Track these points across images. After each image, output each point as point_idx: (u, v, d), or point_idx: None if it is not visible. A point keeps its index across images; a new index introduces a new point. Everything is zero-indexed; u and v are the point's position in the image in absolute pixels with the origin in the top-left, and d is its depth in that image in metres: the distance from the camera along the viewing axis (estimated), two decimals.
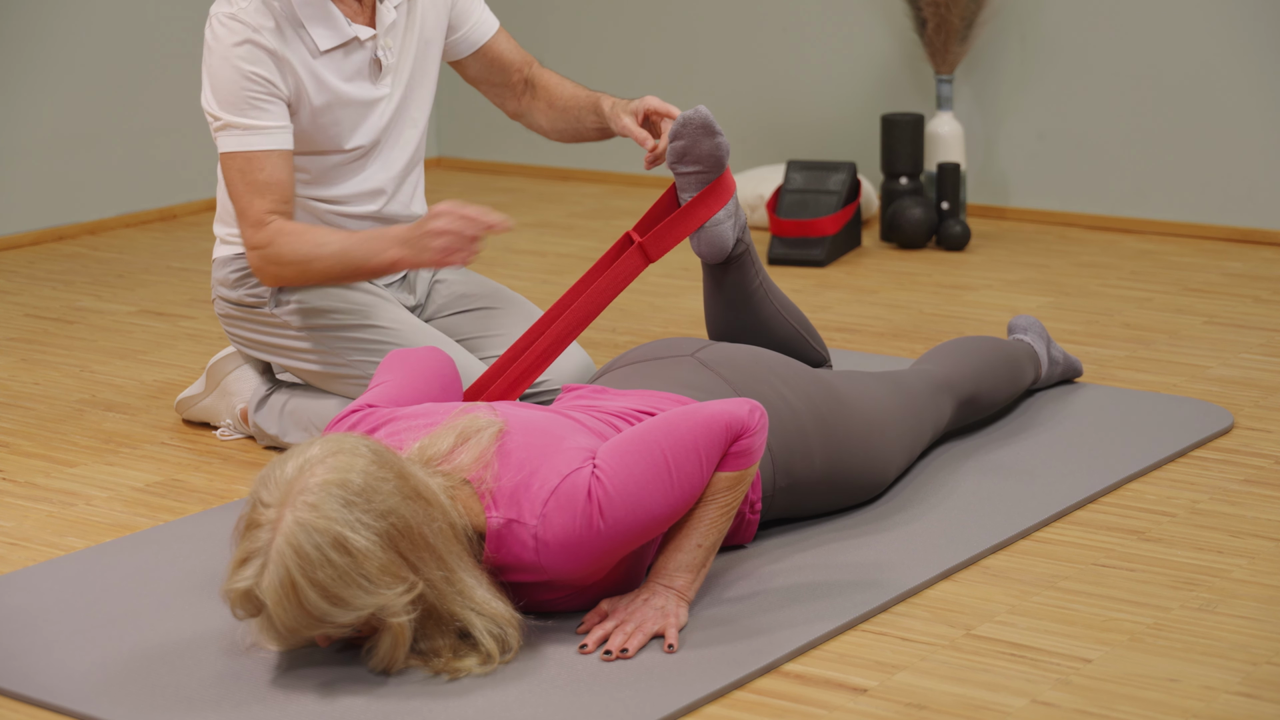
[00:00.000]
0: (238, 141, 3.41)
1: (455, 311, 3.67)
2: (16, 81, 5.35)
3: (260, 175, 3.40)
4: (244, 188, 3.41)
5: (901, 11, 5.45)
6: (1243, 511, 3.19)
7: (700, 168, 3.28)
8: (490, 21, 3.71)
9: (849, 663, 2.66)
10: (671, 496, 2.64)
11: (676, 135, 3.27)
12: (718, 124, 3.27)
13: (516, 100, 3.76)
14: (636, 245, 3.28)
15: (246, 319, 3.58)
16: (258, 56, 3.40)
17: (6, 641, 2.75)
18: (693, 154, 3.26)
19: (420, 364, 3.03)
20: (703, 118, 3.25)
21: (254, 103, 3.40)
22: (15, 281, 4.98)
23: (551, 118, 3.71)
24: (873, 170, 5.52)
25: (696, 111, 3.25)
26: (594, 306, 3.25)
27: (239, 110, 3.40)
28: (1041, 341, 3.75)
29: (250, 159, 3.40)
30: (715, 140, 3.26)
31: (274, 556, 2.46)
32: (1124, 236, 5.20)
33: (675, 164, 3.29)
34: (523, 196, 5.91)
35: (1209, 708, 2.51)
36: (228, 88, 3.40)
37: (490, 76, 3.74)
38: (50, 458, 3.61)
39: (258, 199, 3.40)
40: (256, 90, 3.40)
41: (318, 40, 3.44)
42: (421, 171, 3.68)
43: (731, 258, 3.37)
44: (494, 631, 2.59)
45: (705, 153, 3.26)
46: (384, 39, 3.51)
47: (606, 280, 3.26)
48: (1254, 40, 5.05)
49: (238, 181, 3.41)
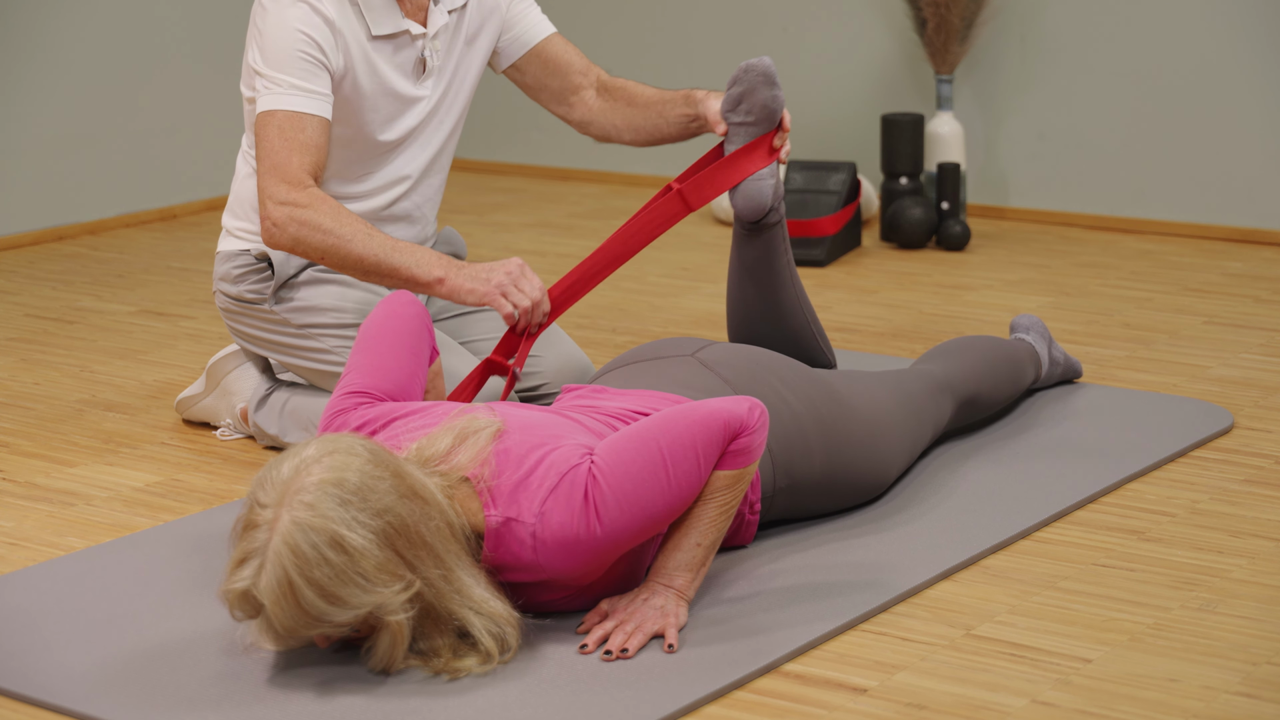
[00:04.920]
0: (282, 100, 3.33)
1: (457, 314, 3.67)
2: (16, 81, 5.35)
3: (301, 135, 3.32)
4: (281, 144, 3.31)
5: (901, 11, 5.45)
6: (1243, 511, 3.19)
7: (753, 118, 3.28)
8: (543, 23, 3.66)
9: (849, 663, 2.66)
10: (668, 495, 2.64)
11: (735, 81, 3.28)
12: (778, 78, 3.27)
13: (585, 106, 3.67)
14: (676, 191, 3.28)
15: (246, 314, 3.58)
16: (314, 21, 3.36)
17: (6, 641, 2.75)
18: (748, 102, 3.27)
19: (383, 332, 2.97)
20: (765, 66, 3.27)
21: (304, 63, 3.34)
22: (15, 281, 4.98)
23: (631, 115, 3.62)
24: (873, 170, 5.52)
25: (760, 60, 3.27)
26: (628, 247, 3.24)
27: (287, 68, 3.34)
28: (1043, 341, 3.75)
29: (293, 118, 3.33)
30: (773, 92, 3.27)
31: (271, 556, 2.46)
32: (1124, 236, 5.20)
33: (729, 112, 3.30)
34: (523, 196, 5.91)
35: (1209, 708, 2.51)
36: (279, 45, 3.34)
37: (549, 81, 3.67)
38: (50, 458, 3.61)
39: (296, 156, 3.31)
40: (308, 52, 3.35)
41: (372, 24, 3.42)
42: (443, 180, 3.65)
43: (765, 224, 3.36)
44: (493, 631, 2.59)
45: (761, 102, 3.27)
46: (433, 40, 3.50)
47: (644, 220, 3.24)
48: (1254, 40, 5.05)
49: (275, 138, 3.32)
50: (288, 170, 3.30)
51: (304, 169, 3.31)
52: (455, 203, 5.75)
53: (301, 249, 3.31)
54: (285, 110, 3.33)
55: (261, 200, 3.32)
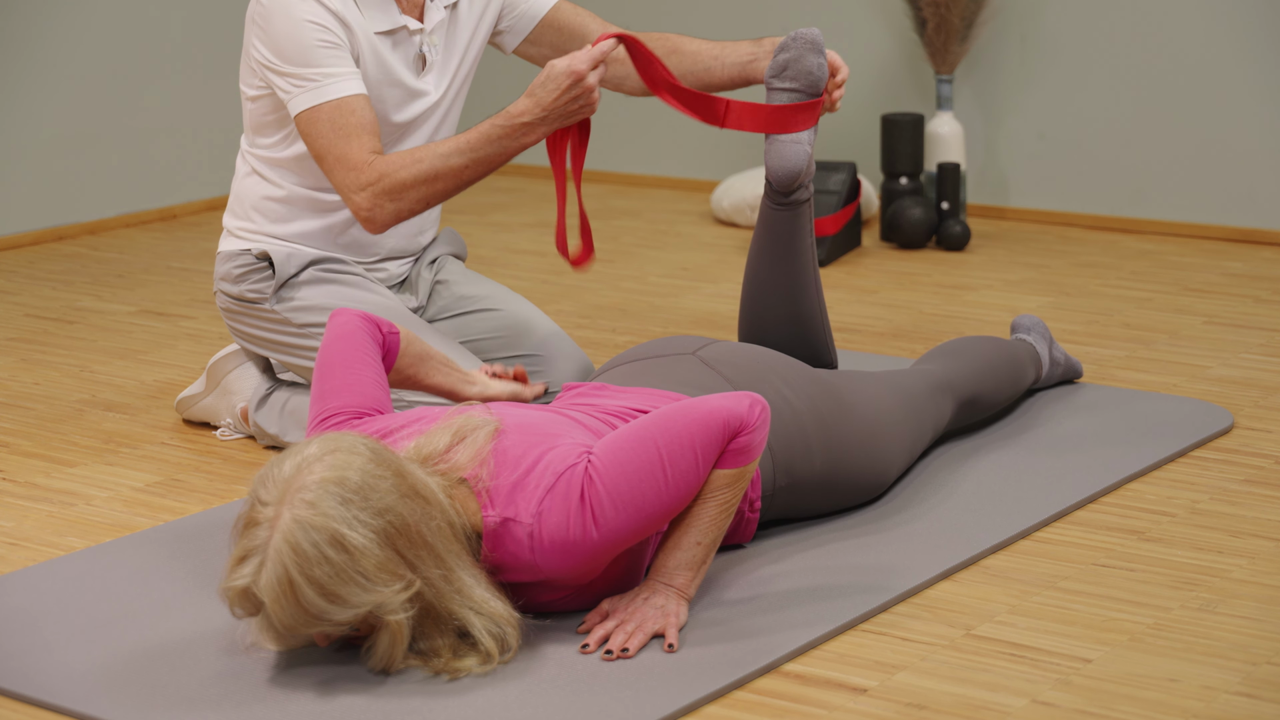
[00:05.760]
0: (320, 93, 3.34)
1: (457, 313, 3.67)
2: (16, 81, 5.35)
3: (352, 119, 3.32)
4: (336, 137, 3.32)
5: (901, 11, 5.45)
6: (1243, 511, 3.19)
7: (797, 85, 3.31)
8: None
9: (849, 663, 2.66)
10: (666, 495, 2.64)
11: (783, 48, 3.32)
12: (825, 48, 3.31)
13: (616, 62, 3.67)
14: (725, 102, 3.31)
15: (247, 314, 3.58)
16: (320, 13, 3.36)
17: (6, 641, 2.75)
18: (794, 69, 3.31)
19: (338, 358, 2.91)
20: (814, 35, 3.32)
21: (325, 50, 3.34)
22: (15, 281, 4.98)
23: (677, 61, 3.63)
24: (873, 170, 5.52)
25: (809, 29, 3.33)
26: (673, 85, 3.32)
27: (311, 60, 3.35)
28: (1044, 342, 3.75)
29: (339, 106, 3.33)
30: (820, 60, 3.31)
31: (272, 554, 2.46)
32: (1124, 236, 5.20)
33: (773, 78, 3.33)
34: (523, 196, 5.91)
35: (1209, 708, 2.51)
36: (297, 42, 3.35)
37: (569, 45, 3.67)
38: (50, 458, 3.61)
39: (355, 142, 3.31)
40: (326, 38, 3.35)
41: (370, 21, 3.43)
42: None
43: (795, 199, 3.36)
44: (493, 631, 2.59)
45: (806, 69, 3.31)
46: (430, 35, 3.51)
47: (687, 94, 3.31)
48: (1254, 41, 5.05)
49: (328, 134, 3.32)
50: (351, 159, 3.31)
51: (365, 150, 3.31)
52: (455, 203, 5.75)
53: (407, 213, 3.32)
54: (328, 102, 3.34)
55: (344, 198, 3.33)
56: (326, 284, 3.54)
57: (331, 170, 3.33)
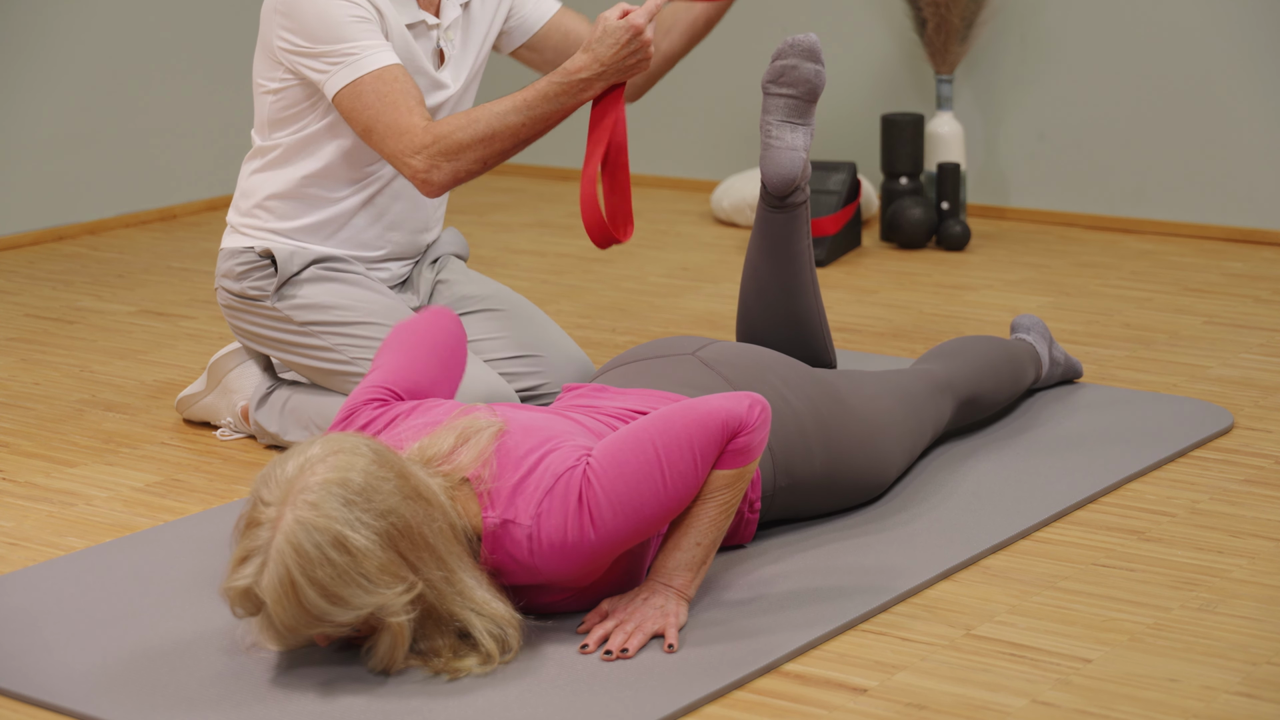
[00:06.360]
0: (359, 65, 3.34)
1: (458, 313, 3.67)
2: (16, 81, 5.35)
3: (396, 85, 3.32)
4: (384, 106, 3.32)
5: (901, 11, 5.45)
6: (1243, 511, 3.19)
7: (795, 92, 3.31)
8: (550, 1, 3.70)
9: (849, 663, 2.66)
10: (664, 497, 2.64)
11: (780, 55, 3.33)
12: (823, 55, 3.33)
13: None
14: None
15: (248, 311, 3.58)
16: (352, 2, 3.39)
17: (6, 641, 2.75)
18: (790, 76, 3.31)
19: (419, 336, 2.99)
20: (811, 42, 3.33)
21: (359, 24, 3.35)
22: (15, 281, 4.98)
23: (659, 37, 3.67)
24: (873, 170, 5.52)
25: (806, 36, 3.34)
26: None
27: (346, 36, 3.35)
28: (1044, 342, 3.75)
29: (379, 76, 3.33)
30: (817, 68, 3.31)
31: (273, 555, 2.46)
32: (1124, 236, 5.21)
33: (770, 83, 3.33)
34: (523, 196, 5.91)
35: (1209, 708, 2.51)
36: (328, 20, 3.35)
37: (570, 50, 3.69)
38: (50, 458, 3.61)
39: (403, 107, 3.31)
40: (357, 14, 3.36)
41: (399, 13, 3.45)
42: None
43: (791, 202, 3.36)
44: (494, 632, 2.59)
45: (804, 77, 3.31)
46: (446, 31, 3.52)
47: None
48: (1254, 41, 5.05)
49: (375, 104, 3.32)
50: (402, 124, 3.31)
51: (415, 116, 3.31)
52: (455, 203, 5.75)
53: (465, 174, 3.33)
54: (368, 74, 3.34)
55: (399, 164, 3.33)
56: (328, 282, 3.54)
57: (384, 139, 3.32)
